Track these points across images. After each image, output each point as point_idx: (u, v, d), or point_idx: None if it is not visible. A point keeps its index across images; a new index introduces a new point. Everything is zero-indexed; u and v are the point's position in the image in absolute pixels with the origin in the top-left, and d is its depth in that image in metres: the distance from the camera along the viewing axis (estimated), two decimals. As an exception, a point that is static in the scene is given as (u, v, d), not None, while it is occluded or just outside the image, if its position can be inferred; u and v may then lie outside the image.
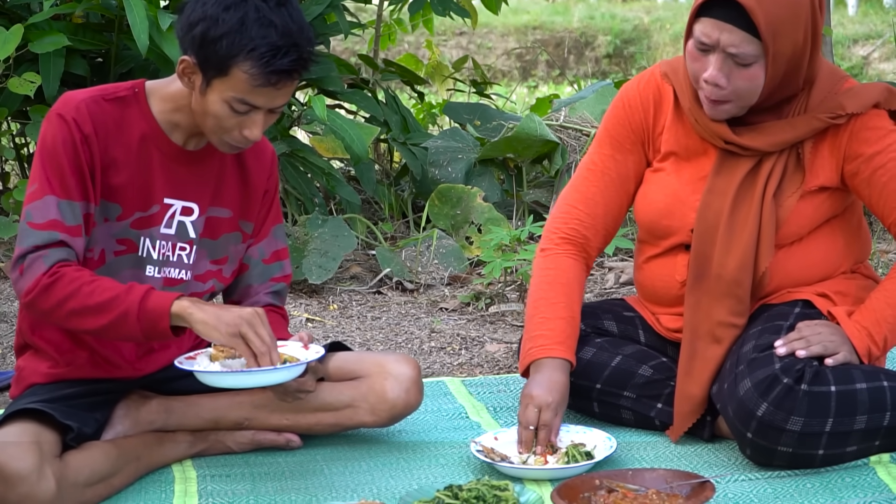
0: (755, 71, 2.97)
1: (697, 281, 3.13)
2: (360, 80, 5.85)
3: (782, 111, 3.09)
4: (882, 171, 3.04)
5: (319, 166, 5.09)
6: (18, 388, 3.04)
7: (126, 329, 2.80)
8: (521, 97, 9.93)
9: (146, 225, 2.95)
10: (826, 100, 3.07)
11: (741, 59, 2.95)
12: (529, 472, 2.99)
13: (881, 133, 3.06)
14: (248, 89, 2.78)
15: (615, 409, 3.27)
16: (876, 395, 2.94)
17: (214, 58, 2.77)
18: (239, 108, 2.81)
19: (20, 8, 4.98)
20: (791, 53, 2.98)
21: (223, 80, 2.79)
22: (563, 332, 3.15)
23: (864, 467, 2.98)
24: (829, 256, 3.17)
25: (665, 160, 3.21)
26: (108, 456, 2.95)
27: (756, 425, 2.93)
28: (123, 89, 2.94)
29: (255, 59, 2.75)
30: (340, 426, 3.17)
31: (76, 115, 2.86)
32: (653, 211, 3.20)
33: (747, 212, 3.08)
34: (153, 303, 2.79)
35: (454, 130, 5.76)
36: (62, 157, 2.84)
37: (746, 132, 3.08)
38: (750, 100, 3.02)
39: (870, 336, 3.02)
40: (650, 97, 3.22)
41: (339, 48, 9.78)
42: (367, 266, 4.99)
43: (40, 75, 4.70)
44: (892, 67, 9.62)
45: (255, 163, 3.08)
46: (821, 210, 3.12)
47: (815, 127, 3.06)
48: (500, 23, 11.78)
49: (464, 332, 4.27)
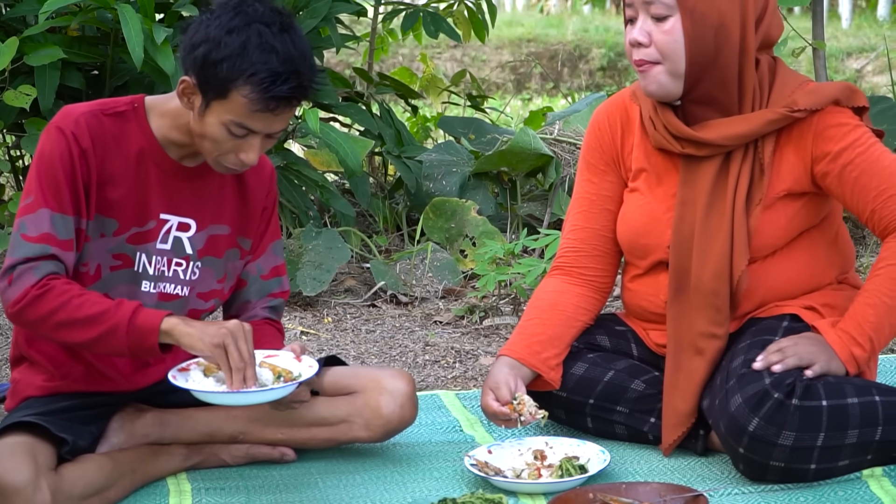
0: (673, 25, 3.01)
1: (677, 294, 3.14)
2: (354, 93, 5.86)
3: (737, 110, 3.09)
4: (851, 167, 3.03)
5: (314, 179, 5.09)
6: (14, 400, 3.05)
7: (114, 343, 2.81)
8: (516, 109, 9.94)
9: (142, 240, 2.96)
10: (781, 99, 3.08)
11: (656, 9, 3.01)
12: (523, 486, 3.00)
13: (846, 129, 3.05)
14: (246, 114, 2.79)
15: (608, 425, 3.27)
16: (867, 409, 2.94)
17: (215, 80, 2.78)
18: (236, 132, 2.82)
19: (15, 21, 4.98)
20: (717, 21, 3.00)
21: (222, 102, 2.79)
22: (518, 336, 3.24)
23: (856, 481, 2.99)
24: (811, 268, 3.16)
25: (637, 178, 3.23)
26: (103, 469, 2.96)
27: (748, 440, 2.93)
28: (123, 104, 2.95)
29: (255, 84, 2.76)
30: (335, 441, 3.17)
31: (75, 129, 2.87)
32: (630, 231, 3.23)
33: (719, 220, 3.08)
34: (143, 319, 2.80)
35: (448, 144, 5.77)
36: (58, 171, 2.85)
37: (700, 128, 3.10)
38: (677, 62, 3.03)
39: (853, 340, 3.00)
40: (618, 118, 3.27)
41: (334, 61, 9.78)
42: (362, 279, 4.99)
43: (36, 88, 4.70)
44: (886, 81, 9.63)
45: (254, 180, 3.09)
46: (796, 220, 3.12)
47: (770, 119, 3.06)
48: (494, 35, 11.79)
49: (458, 346, 4.28)
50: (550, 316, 3.27)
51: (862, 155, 3.03)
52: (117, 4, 4.56)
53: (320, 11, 5.13)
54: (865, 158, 3.02)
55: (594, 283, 3.32)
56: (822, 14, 5.28)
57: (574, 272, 3.32)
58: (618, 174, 3.28)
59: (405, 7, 6.09)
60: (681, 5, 3.00)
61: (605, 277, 3.34)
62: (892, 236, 2.99)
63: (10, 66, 4.62)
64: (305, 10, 5.13)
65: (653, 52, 3.04)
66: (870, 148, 3.03)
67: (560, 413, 3.31)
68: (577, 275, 3.31)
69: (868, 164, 3.02)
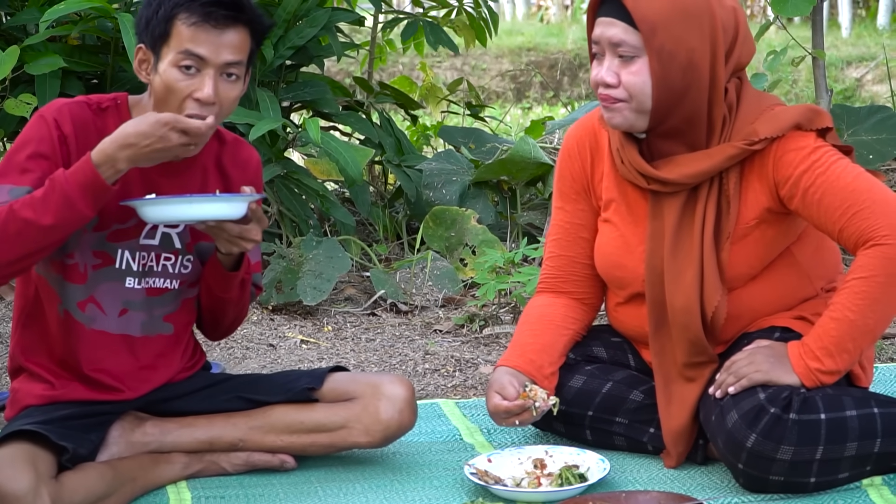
0: (640, 66, 2.96)
1: (658, 328, 3.13)
2: (354, 102, 5.87)
3: (704, 143, 3.04)
4: (813, 189, 2.96)
5: (314, 188, 5.09)
6: (13, 409, 3.05)
7: (75, 214, 2.79)
8: (516, 118, 9.95)
9: (123, 237, 2.97)
10: (745, 127, 3.03)
11: (623, 50, 2.96)
12: (523, 494, 3.00)
13: (804, 153, 2.98)
14: (190, 37, 2.84)
15: (608, 436, 3.27)
16: (866, 421, 2.94)
17: (157, 27, 2.85)
18: (187, 64, 2.85)
19: (16, 30, 4.99)
20: (686, 60, 2.95)
21: (168, 43, 2.85)
22: (511, 348, 3.24)
23: (856, 490, 2.99)
24: (794, 285, 3.13)
25: (608, 208, 3.20)
26: (103, 477, 2.96)
27: (746, 456, 2.92)
28: (107, 100, 2.99)
29: (190, 4, 2.82)
30: (335, 447, 3.17)
31: (57, 116, 2.90)
32: (606, 264, 3.22)
33: (687, 255, 3.05)
34: (78, 175, 2.77)
35: (448, 153, 5.77)
36: (32, 150, 2.86)
37: (663, 164, 3.06)
38: (643, 102, 2.98)
39: (811, 353, 2.95)
40: (587, 145, 3.24)
41: (334, 69, 9.79)
42: (362, 288, 4.99)
43: (36, 97, 4.71)
44: (886, 90, 9.63)
45: (238, 172, 3.10)
46: (773, 245, 3.08)
47: (731, 154, 3.01)
48: (494, 44, 11.80)
49: (458, 354, 4.28)
50: (540, 327, 3.27)
51: (822, 176, 2.95)
52: (117, 13, 4.57)
53: (320, 20, 5.14)
54: (826, 179, 2.95)
55: (581, 301, 3.33)
56: (821, 23, 5.28)
57: (559, 291, 3.32)
58: (589, 203, 3.26)
59: (405, 17, 6.10)
60: (648, 46, 2.95)
61: (591, 297, 3.33)
62: (862, 250, 2.91)
63: (11, 74, 4.63)
64: (305, 18, 5.14)
65: (621, 92, 2.99)
66: (830, 168, 2.96)
67: (559, 426, 3.31)
68: (563, 292, 3.32)
69: (829, 185, 2.94)
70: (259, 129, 4.67)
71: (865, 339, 2.95)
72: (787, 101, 9.98)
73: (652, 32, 2.94)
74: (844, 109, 5.40)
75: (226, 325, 3.20)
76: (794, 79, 10.20)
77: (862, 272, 2.90)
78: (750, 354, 3.00)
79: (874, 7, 12.53)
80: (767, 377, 2.95)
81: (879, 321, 2.94)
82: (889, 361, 4.10)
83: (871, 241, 2.89)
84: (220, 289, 3.08)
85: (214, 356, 4.26)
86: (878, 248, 2.88)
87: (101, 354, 3.02)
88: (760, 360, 2.98)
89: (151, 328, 3.07)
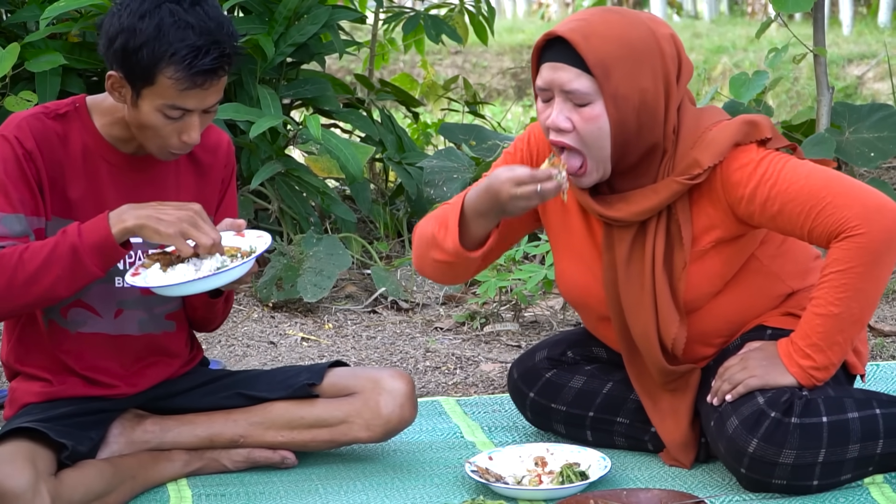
0: (595, 111, 2.87)
1: (630, 353, 3.12)
2: (355, 99, 5.86)
3: (653, 174, 2.98)
4: (770, 202, 2.90)
5: (314, 185, 5.09)
6: (12, 408, 3.05)
7: (82, 271, 2.80)
8: (517, 116, 9.94)
9: None
10: (686, 156, 2.95)
11: (577, 96, 2.87)
12: (524, 492, 3.00)
13: (749, 169, 2.92)
14: (176, 94, 2.80)
15: (609, 436, 3.26)
16: (868, 423, 2.93)
17: (138, 69, 2.79)
18: (172, 115, 2.83)
19: (16, 27, 4.99)
20: (640, 101, 2.88)
21: (151, 89, 2.81)
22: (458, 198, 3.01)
23: (858, 488, 2.98)
24: (764, 288, 3.09)
25: (569, 227, 3.12)
26: (103, 474, 2.96)
27: (748, 461, 2.91)
28: (65, 105, 2.97)
29: (178, 63, 2.77)
30: (336, 442, 3.17)
31: (17, 133, 2.88)
32: (570, 291, 3.15)
33: (640, 288, 3.00)
34: (90, 234, 2.78)
35: (449, 150, 5.76)
36: (3, 173, 2.85)
37: (616, 200, 2.99)
38: (602, 148, 2.90)
39: (801, 351, 2.93)
40: (545, 149, 3.09)
41: (335, 67, 9.79)
42: (362, 285, 4.99)
43: (36, 94, 4.71)
44: (887, 88, 9.62)
45: (210, 157, 3.09)
46: (733, 259, 3.02)
47: (676, 190, 2.95)
48: (494, 42, 11.79)
49: (459, 352, 4.27)
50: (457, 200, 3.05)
51: (775, 186, 2.89)
52: (118, 10, 4.56)
53: (321, 18, 5.13)
54: (779, 189, 2.89)
55: None
56: (822, 20, 5.27)
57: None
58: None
59: (406, 11, 6.09)
60: (603, 91, 2.86)
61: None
62: (835, 243, 2.86)
63: (11, 72, 4.62)
64: (307, 16, 5.14)
65: (574, 138, 2.89)
66: (780, 176, 2.90)
67: (560, 427, 3.30)
68: None
69: (783, 193, 2.88)
70: (260, 127, 4.67)
71: (854, 328, 2.92)
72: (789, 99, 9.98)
73: (606, 77, 2.86)
74: (846, 107, 5.38)
75: (214, 326, 3.21)
76: (795, 76, 10.18)
77: (838, 265, 2.86)
78: (742, 360, 2.99)
79: (875, 4, 12.51)
80: (763, 381, 2.94)
81: (865, 309, 2.91)
82: (890, 359, 4.10)
83: (843, 233, 2.84)
84: (205, 309, 3.10)
85: (215, 354, 4.26)
86: (850, 239, 2.84)
87: (91, 357, 3.02)
88: (754, 365, 2.96)
89: (152, 326, 3.07)
